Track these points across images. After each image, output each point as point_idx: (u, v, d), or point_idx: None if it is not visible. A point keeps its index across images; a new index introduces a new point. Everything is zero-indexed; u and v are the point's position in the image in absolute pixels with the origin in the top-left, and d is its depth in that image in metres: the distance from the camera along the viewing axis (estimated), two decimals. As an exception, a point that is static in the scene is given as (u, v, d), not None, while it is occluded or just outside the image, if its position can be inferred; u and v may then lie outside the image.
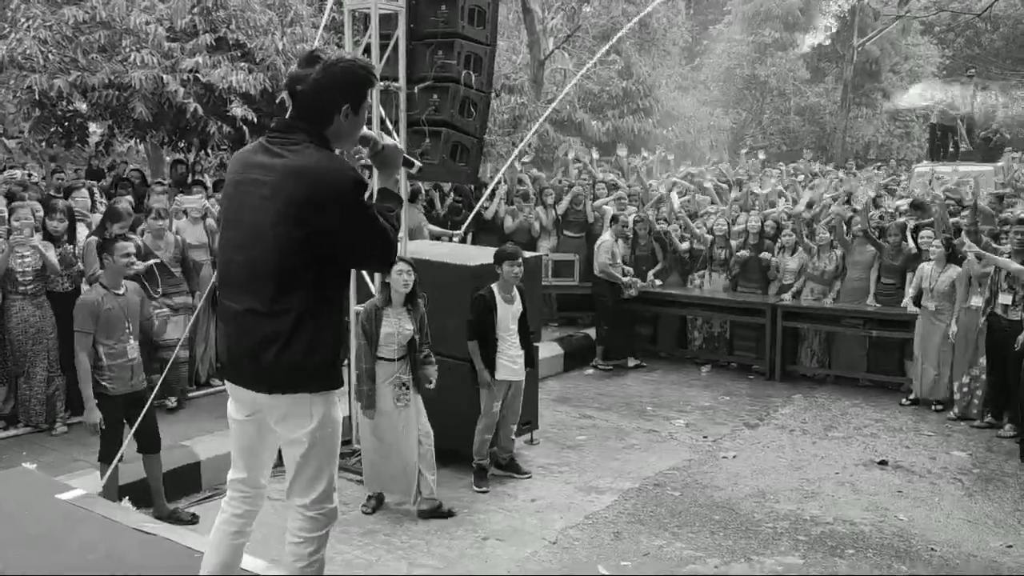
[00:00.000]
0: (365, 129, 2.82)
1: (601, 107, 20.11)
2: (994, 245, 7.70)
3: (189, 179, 9.97)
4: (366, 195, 2.66)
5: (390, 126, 6.20)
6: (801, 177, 14.48)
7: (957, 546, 5.32)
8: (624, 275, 9.47)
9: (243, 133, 9.07)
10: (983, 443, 7.24)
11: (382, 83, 6.03)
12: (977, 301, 7.52)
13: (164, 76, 8.55)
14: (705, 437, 7.37)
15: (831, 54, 30.49)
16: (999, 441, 7.24)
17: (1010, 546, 5.30)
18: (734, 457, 6.89)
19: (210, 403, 7.16)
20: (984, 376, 7.59)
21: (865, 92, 28.92)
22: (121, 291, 5.18)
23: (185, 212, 7.65)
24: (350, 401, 6.20)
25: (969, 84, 19.65)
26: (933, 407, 8.07)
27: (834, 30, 31.07)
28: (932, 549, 5.27)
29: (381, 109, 6.11)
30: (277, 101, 9.16)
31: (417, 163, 3.20)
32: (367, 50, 6.12)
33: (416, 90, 6.25)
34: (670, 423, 7.73)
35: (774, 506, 5.91)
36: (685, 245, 10.06)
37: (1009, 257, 7.24)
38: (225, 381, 2.86)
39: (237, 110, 8.88)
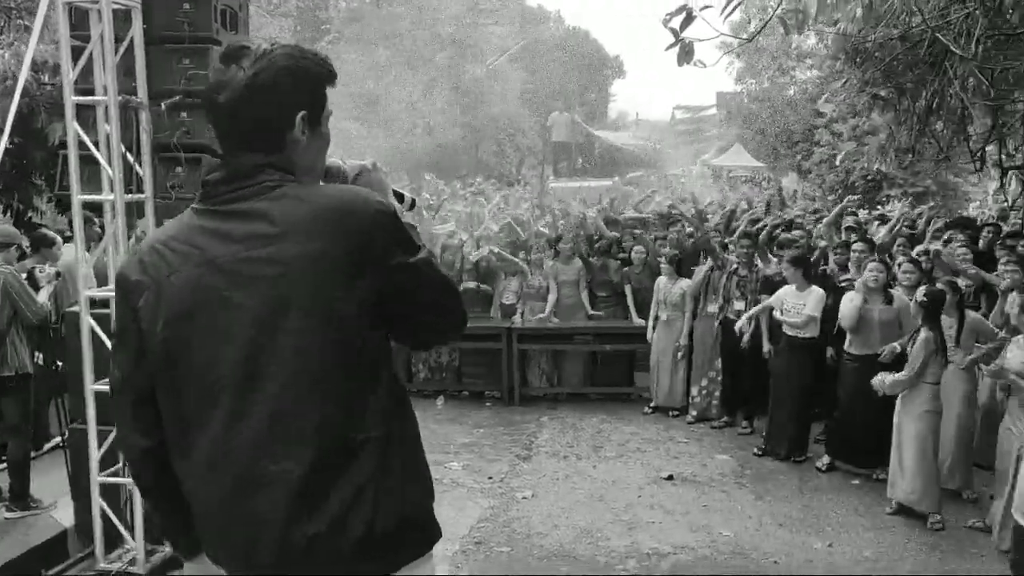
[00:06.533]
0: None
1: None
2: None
3: None
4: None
5: (130, 157, 4.84)
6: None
7: (790, 554, 5.50)
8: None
9: None
10: (732, 442, 7.73)
11: (120, 97, 4.70)
12: (712, 308, 8.02)
13: None
14: (490, 478, 6.91)
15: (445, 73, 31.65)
16: (742, 438, 7.80)
17: (831, 545, 5.61)
18: (533, 496, 6.53)
19: None
20: (720, 378, 8.13)
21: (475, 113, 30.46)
22: None
23: None
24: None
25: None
26: (671, 413, 8.48)
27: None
28: (775, 562, 5.39)
29: (112, 132, 4.73)
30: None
31: (408, 196, 2.20)
32: (91, 57, 4.71)
33: (164, 107, 4.96)
34: (445, 468, 7.14)
35: (608, 544, 5.65)
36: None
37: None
38: None
39: None
